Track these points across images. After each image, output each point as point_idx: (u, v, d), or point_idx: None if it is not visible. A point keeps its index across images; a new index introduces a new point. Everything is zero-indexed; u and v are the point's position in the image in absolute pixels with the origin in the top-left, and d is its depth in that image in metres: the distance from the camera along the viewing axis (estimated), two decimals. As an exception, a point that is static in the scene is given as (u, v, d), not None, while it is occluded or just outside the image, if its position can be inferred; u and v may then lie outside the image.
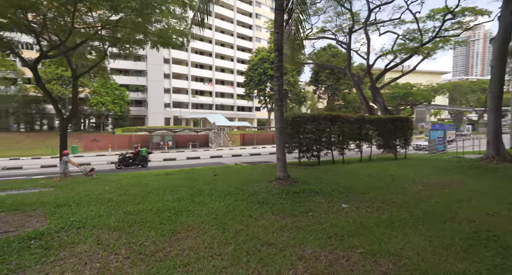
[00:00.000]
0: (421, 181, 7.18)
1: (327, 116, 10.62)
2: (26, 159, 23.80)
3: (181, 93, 54.80)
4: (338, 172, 8.61)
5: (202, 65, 58.74)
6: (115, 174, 13.12)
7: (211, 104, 58.75)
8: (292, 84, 50.55)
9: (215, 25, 58.92)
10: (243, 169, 10.23)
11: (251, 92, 51.06)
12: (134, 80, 49.29)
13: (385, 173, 8.34)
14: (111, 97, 37.73)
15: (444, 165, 10.02)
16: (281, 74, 7.23)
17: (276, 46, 7.25)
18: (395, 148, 13.14)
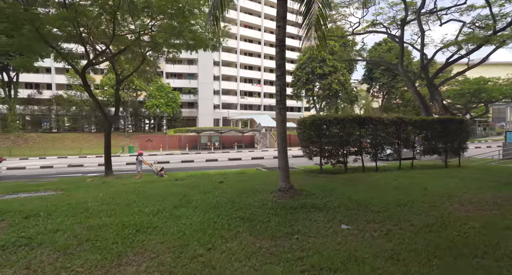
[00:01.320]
0: (461, 198, 5.87)
1: (355, 118, 9.57)
2: (91, 157, 26.91)
3: (230, 94, 56.37)
4: (361, 182, 7.63)
5: (251, 67, 59.57)
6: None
7: (260, 105, 59.20)
8: (342, 83, 48.01)
9: (264, 26, 59.25)
10: (257, 175, 9.75)
11: (299, 92, 50.00)
12: (187, 83, 52.31)
13: (419, 185, 7.10)
14: (164, 100, 40.54)
15: (508, 176, 8.23)
16: (283, 72, 6.66)
17: (277, 42, 6.70)
18: (446, 154, 11.28)
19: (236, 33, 54.95)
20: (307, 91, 49.19)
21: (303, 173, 9.64)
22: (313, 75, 47.49)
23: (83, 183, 11.52)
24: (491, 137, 46.38)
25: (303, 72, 47.78)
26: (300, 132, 9.40)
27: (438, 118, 11.35)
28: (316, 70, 46.95)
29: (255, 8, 57.51)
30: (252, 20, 57.60)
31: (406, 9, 21.53)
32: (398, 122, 10.25)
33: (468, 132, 11.55)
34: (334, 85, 47.08)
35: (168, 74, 52.03)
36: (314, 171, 9.56)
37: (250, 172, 11.33)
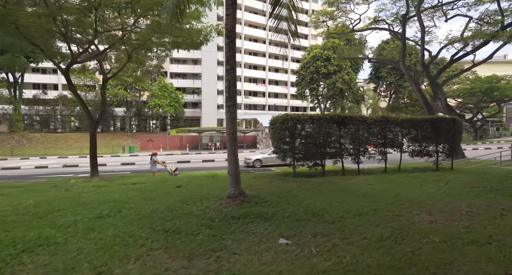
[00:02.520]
0: (433, 206, 5.24)
1: (332, 118, 8.98)
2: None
3: (235, 94, 56.11)
4: (332, 187, 7.05)
5: (256, 66, 59.21)
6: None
7: (264, 104, 58.76)
8: (347, 83, 47.04)
9: (270, 25, 58.65)
10: (223, 179, 9.02)
11: (303, 92, 49.33)
12: (191, 83, 52.39)
13: (395, 191, 6.49)
14: (167, 100, 40.61)
15: (498, 181, 7.53)
16: (233, 66, 6.09)
17: (226, 32, 6.11)
18: (437, 156, 10.55)
19: (241, 32, 54.66)
20: (311, 90, 48.45)
21: (274, 177, 9.05)
22: (318, 74, 46.73)
23: (66, 184, 11.40)
24: (505, 138, 44.45)
25: (307, 72, 47.09)
26: (272, 132, 8.87)
27: (427, 117, 10.66)
28: (321, 70, 46.18)
29: (259, 7, 57.11)
30: (257, 19, 57.25)
31: (408, 4, 20.72)
32: (383, 121, 9.62)
33: (461, 132, 10.79)
34: (339, 84, 46.20)
35: (173, 74, 52.23)
36: (288, 174, 9.03)
37: (219, 176, 10.75)
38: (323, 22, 25.67)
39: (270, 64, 59.60)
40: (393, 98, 53.53)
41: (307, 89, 48.83)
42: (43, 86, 43.95)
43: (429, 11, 23.55)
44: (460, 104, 44.84)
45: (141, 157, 26.92)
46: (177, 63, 52.63)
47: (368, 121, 9.43)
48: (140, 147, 34.88)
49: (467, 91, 39.67)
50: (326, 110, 52.20)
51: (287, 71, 61.68)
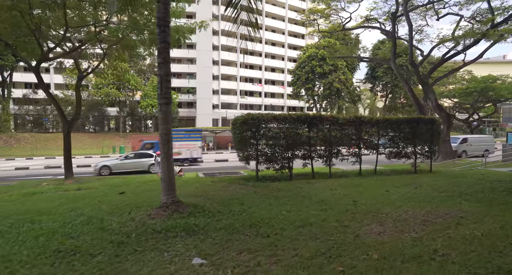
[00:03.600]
0: (388, 215, 4.84)
1: (300, 117, 8.58)
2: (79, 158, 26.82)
3: (230, 94, 55.76)
4: (291, 193, 6.59)
5: (252, 66, 58.83)
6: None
7: (261, 104, 58.35)
8: (343, 82, 46.67)
9: (266, 24, 58.37)
10: (183, 184, 8.57)
11: (298, 92, 48.97)
12: (186, 83, 52.03)
13: (354, 197, 6.07)
14: (160, 100, 40.21)
15: (471, 185, 7.14)
16: (165, 59, 5.43)
17: (158, 20, 5.46)
18: (415, 158, 10.16)
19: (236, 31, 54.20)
20: (306, 90, 48.09)
21: (234, 181, 8.47)
22: (313, 74, 46.39)
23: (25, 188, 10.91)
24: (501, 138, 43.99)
25: (303, 71, 46.78)
26: (233, 133, 8.44)
27: (404, 117, 10.26)
28: (316, 69, 45.85)
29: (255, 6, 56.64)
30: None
31: (397, 2, 20.31)
32: (357, 122, 9.22)
33: (439, 133, 10.39)
34: (335, 84, 45.84)
35: (167, 74, 51.83)
36: (251, 178, 8.53)
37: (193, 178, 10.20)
38: (314, 21, 25.29)
39: (266, 64, 59.23)
40: (390, 98, 53.11)
41: (303, 89, 48.49)
42: (35, 85, 43.61)
43: (421, 10, 23.19)
44: (456, 104, 44.40)
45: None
46: (172, 62, 52.04)
47: (340, 121, 9.02)
48: (131, 147, 34.52)
49: (462, 91, 39.20)
50: (322, 110, 51.83)
51: (283, 70, 61.30)
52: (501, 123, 48.91)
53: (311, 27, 27.03)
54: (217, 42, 52.20)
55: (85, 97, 40.07)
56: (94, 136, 37.38)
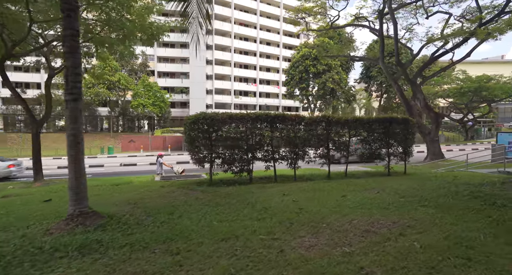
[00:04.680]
0: (328, 225, 4.40)
1: (259, 117, 8.10)
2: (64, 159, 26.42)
3: (224, 94, 55.38)
4: (238, 199, 6.08)
5: (246, 65, 58.47)
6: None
7: (255, 104, 57.96)
8: (337, 82, 46.28)
9: (260, 24, 58.02)
10: (115, 190, 7.97)
11: (292, 91, 48.60)
12: (179, 83, 51.66)
13: (304, 204, 5.64)
14: (151, 99, 39.86)
15: (436, 189, 6.73)
16: (73, 50, 4.75)
17: (62, 3, 4.75)
18: (388, 160, 9.75)
19: (230, 31, 53.91)
20: (301, 90, 47.69)
21: (183, 185, 7.92)
22: (307, 73, 46.01)
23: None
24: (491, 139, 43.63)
25: (296, 71, 46.40)
26: (184, 133, 7.98)
27: (377, 117, 9.87)
28: (310, 69, 45.48)
29: (250, 5, 56.32)
30: (247, 18, 56.43)
31: (384, 0, 19.92)
32: (325, 121, 8.81)
33: (414, 133, 10.01)
34: (329, 84, 45.45)
35: (160, 73, 51.48)
36: (205, 182, 7.99)
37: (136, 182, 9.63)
38: (302, 19, 24.96)
39: (261, 63, 58.87)
40: (385, 98, 52.70)
41: (297, 89, 48.10)
42: (25, 85, 43.29)
43: (412, 8, 22.85)
44: (451, 104, 44.05)
45: (118, 158, 26.20)
46: (165, 62, 51.94)
47: (306, 121, 8.63)
48: (121, 148, 34.15)
49: (457, 91, 38.86)
50: (317, 110, 51.43)
51: (278, 70, 60.90)
52: (497, 123, 48.57)
53: (300, 25, 26.68)
54: (211, 42, 51.75)
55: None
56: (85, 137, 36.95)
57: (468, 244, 3.87)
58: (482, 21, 18.49)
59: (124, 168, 20.49)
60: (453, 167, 13.27)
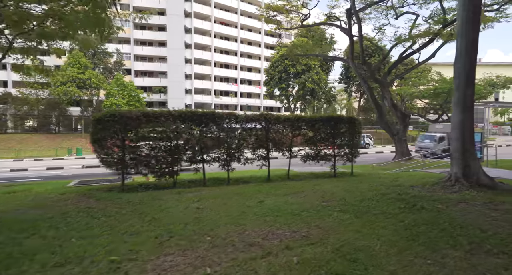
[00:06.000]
0: (213, 238, 3.92)
1: (182, 115, 7.47)
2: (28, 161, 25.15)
3: (205, 94, 54.52)
4: (130, 210, 5.32)
5: (228, 65, 57.80)
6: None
7: (236, 104, 57.36)
8: (317, 82, 46.28)
9: (241, 23, 57.50)
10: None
11: (272, 91, 48.32)
12: (157, 82, 50.49)
13: (208, 211, 5.13)
14: (126, 99, 38.64)
15: (362, 193, 6.30)
16: None
17: None
18: (334, 161, 9.40)
19: (210, 29, 53.11)
20: (281, 90, 47.44)
21: (91, 191, 7.17)
22: (286, 73, 45.82)
23: None
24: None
25: (276, 71, 46.13)
26: (91, 133, 7.27)
27: (320, 116, 9.51)
28: (289, 69, 45.29)
29: (231, 4, 55.69)
30: (228, 17, 55.80)
31: (352, 0, 19.77)
32: (263, 120, 8.32)
33: (360, 133, 9.72)
34: (309, 84, 45.42)
35: (138, 72, 50.17)
36: (116, 188, 7.37)
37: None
38: (274, 17, 24.64)
39: (242, 63, 58.35)
40: (365, 98, 53.16)
41: (277, 89, 47.84)
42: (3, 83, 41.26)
43: (383, 9, 22.89)
44: (427, 105, 44.80)
45: (85, 160, 25.02)
46: (143, 60, 50.65)
47: (240, 119, 8.14)
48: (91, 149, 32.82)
49: (431, 92, 39.50)
50: (298, 110, 51.34)
51: (260, 70, 60.50)
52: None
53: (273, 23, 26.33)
54: (190, 41, 50.86)
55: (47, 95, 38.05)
56: (53, 137, 35.41)
57: (355, 256, 3.49)
58: (446, 22, 18.65)
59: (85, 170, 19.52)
60: (412, 167, 13.13)
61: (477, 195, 5.77)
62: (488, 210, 5.08)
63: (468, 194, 5.81)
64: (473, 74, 6.56)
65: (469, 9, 6.18)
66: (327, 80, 51.57)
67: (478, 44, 6.31)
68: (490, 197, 5.64)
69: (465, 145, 6.45)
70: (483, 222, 4.66)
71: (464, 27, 6.29)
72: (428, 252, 3.74)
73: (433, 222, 4.69)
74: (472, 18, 6.21)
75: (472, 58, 6.37)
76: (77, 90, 35.22)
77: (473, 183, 6.26)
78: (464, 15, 6.27)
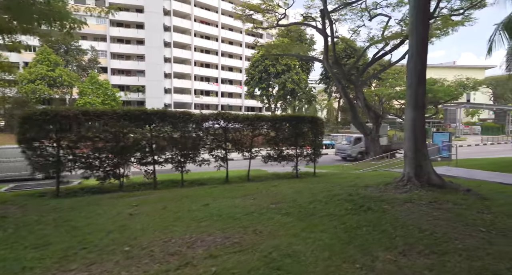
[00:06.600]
0: (128, 246, 3.64)
1: (130, 114, 7.07)
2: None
3: (185, 93, 53.63)
4: (50, 218, 4.78)
5: (208, 64, 57.14)
6: None
7: (217, 104, 56.79)
8: (296, 82, 46.54)
9: (222, 22, 57.00)
10: None
11: (252, 91, 48.20)
12: (135, 81, 49.18)
13: (137, 217, 4.77)
14: (101, 98, 37.34)
15: (311, 195, 6.14)
16: None
17: None
18: (296, 161, 9.29)
19: (190, 28, 52.29)
20: (261, 90, 47.36)
21: (15, 198, 6.53)
22: (267, 73, 45.79)
23: None
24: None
25: (256, 71, 46.04)
26: (17, 133, 6.69)
27: (282, 115, 9.41)
28: (269, 69, 45.29)
29: (211, 3, 55.06)
30: (208, 16, 55.14)
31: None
32: (219, 119, 8.07)
33: (323, 133, 9.69)
34: (289, 84, 45.61)
35: (115, 71, 48.67)
36: (46, 193, 6.73)
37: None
38: (250, 16, 24.47)
39: (223, 63, 57.88)
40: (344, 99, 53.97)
41: (257, 89, 47.74)
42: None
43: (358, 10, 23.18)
44: (403, 105, 46.10)
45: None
46: (120, 58, 49.15)
47: (194, 118, 7.82)
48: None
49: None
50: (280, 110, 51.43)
51: (241, 70, 60.20)
52: (445, 123, 51.66)
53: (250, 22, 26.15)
54: (169, 39, 49.86)
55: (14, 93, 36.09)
56: (10, 138, 33.62)
57: (281, 263, 3.31)
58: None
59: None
60: (379, 167, 13.27)
61: (425, 194, 5.77)
62: (431, 210, 5.06)
63: (416, 193, 5.81)
64: (424, 73, 6.60)
65: (419, 9, 6.22)
66: (308, 81, 52.02)
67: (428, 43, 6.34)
68: (436, 196, 5.66)
69: (417, 144, 6.47)
70: (424, 222, 4.63)
71: (415, 25, 6.32)
72: (360, 256, 3.62)
73: (375, 223, 4.61)
74: (422, 18, 6.24)
75: (422, 57, 6.40)
76: (47, 88, 33.70)
77: (424, 183, 6.28)
78: (414, 14, 6.30)
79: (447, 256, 3.57)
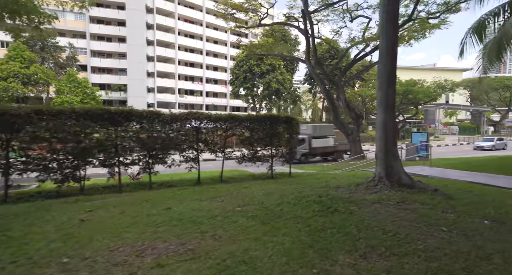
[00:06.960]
0: (66, 258, 3.33)
1: (92, 113, 6.69)
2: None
3: (168, 92, 52.72)
4: None
5: (193, 64, 56.41)
6: None
7: (202, 104, 56.11)
8: (281, 83, 46.61)
9: (207, 21, 56.38)
10: None
11: (237, 91, 47.95)
12: (117, 79, 47.93)
13: (87, 224, 4.45)
14: (79, 97, 36.09)
15: (280, 196, 6.01)
16: None
17: None
18: (272, 162, 9.18)
19: (174, 27, 51.42)
20: (246, 90, 47.16)
21: None
22: (251, 73, 45.63)
23: None
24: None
25: (241, 70, 45.79)
26: None
27: (256, 115, 9.29)
28: (254, 69, 45.15)
29: (195, 1, 54.37)
30: (193, 14, 54.44)
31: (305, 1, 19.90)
32: (192, 118, 7.83)
33: (298, 133, 9.63)
34: (273, 84, 45.62)
35: (95, 69, 47.23)
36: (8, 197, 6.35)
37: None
38: (232, 15, 24.25)
39: (208, 62, 57.29)
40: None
41: (242, 89, 47.52)
42: None
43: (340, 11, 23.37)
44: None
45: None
46: (101, 56, 47.76)
47: (163, 118, 7.53)
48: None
49: (388, 94, 41.32)
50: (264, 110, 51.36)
51: (226, 69, 59.76)
52: (425, 124, 53.11)
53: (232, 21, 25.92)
54: (152, 37, 48.84)
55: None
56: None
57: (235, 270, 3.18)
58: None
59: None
60: (357, 167, 13.34)
61: (393, 195, 5.75)
62: (398, 210, 5.02)
63: (385, 194, 5.78)
64: (394, 73, 6.60)
65: (388, 10, 6.21)
66: (292, 81, 52.23)
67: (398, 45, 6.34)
68: (405, 196, 5.64)
69: (388, 145, 6.46)
70: (389, 223, 4.58)
71: (385, 27, 6.31)
72: (319, 260, 3.50)
73: (340, 225, 4.51)
74: (391, 19, 6.24)
75: (392, 58, 6.40)
76: (21, 86, 32.26)
77: (395, 183, 6.27)
78: (384, 17, 6.30)
79: (406, 257, 3.51)
